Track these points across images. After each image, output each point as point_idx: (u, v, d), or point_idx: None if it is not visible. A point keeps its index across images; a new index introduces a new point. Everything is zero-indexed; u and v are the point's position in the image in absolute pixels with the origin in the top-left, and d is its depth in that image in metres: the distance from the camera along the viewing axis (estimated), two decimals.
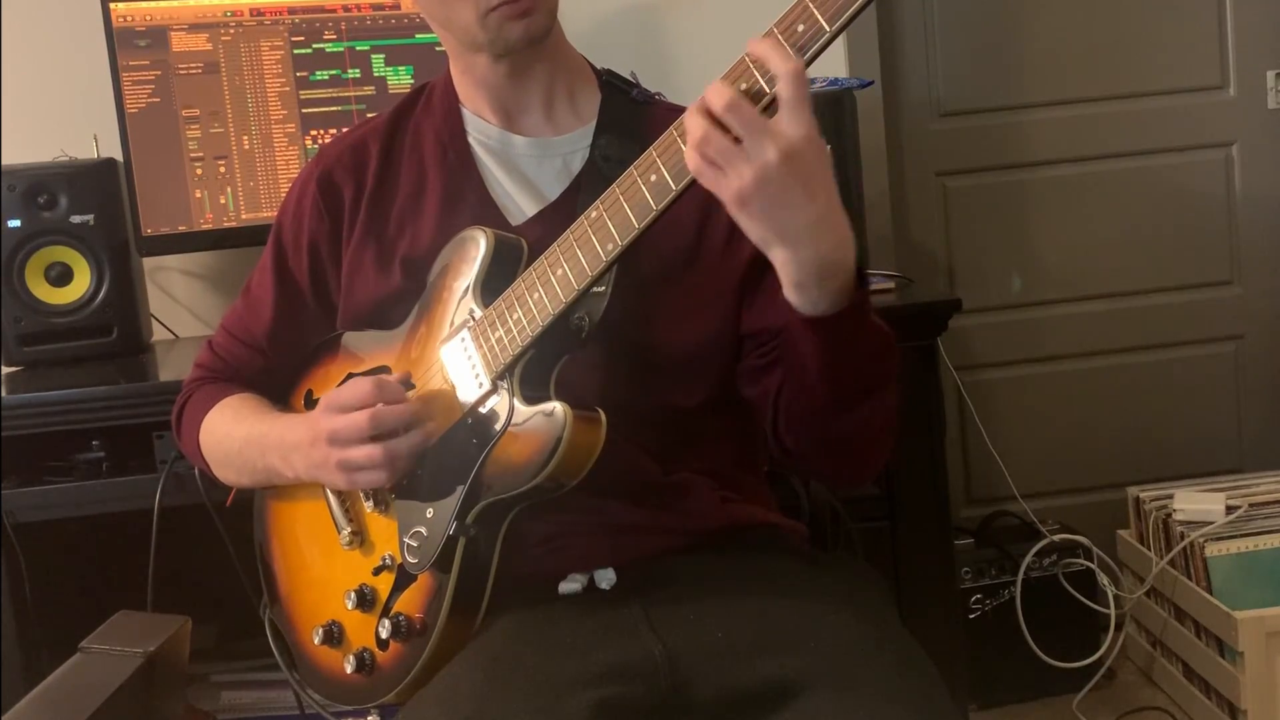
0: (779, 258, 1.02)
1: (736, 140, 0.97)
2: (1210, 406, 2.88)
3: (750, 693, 1.09)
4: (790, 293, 1.05)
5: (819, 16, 0.97)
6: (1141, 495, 2.52)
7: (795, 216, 0.99)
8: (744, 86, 0.99)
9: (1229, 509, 2.35)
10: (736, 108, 0.97)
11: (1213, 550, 2.28)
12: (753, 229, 1.01)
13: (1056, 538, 2.46)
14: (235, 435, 1.34)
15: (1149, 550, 2.49)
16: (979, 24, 2.76)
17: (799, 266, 1.02)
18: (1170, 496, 2.44)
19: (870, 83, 2.27)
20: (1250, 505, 2.37)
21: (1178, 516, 2.38)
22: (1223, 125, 2.82)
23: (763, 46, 0.98)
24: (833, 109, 2.11)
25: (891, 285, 2.06)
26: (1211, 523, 2.32)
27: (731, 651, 1.10)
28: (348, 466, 1.19)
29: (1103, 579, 2.46)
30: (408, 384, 1.21)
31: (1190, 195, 2.83)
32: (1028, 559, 2.41)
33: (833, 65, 2.42)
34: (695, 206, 1.23)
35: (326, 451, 1.19)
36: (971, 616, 2.40)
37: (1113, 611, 2.45)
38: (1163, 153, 2.81)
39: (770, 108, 0.99)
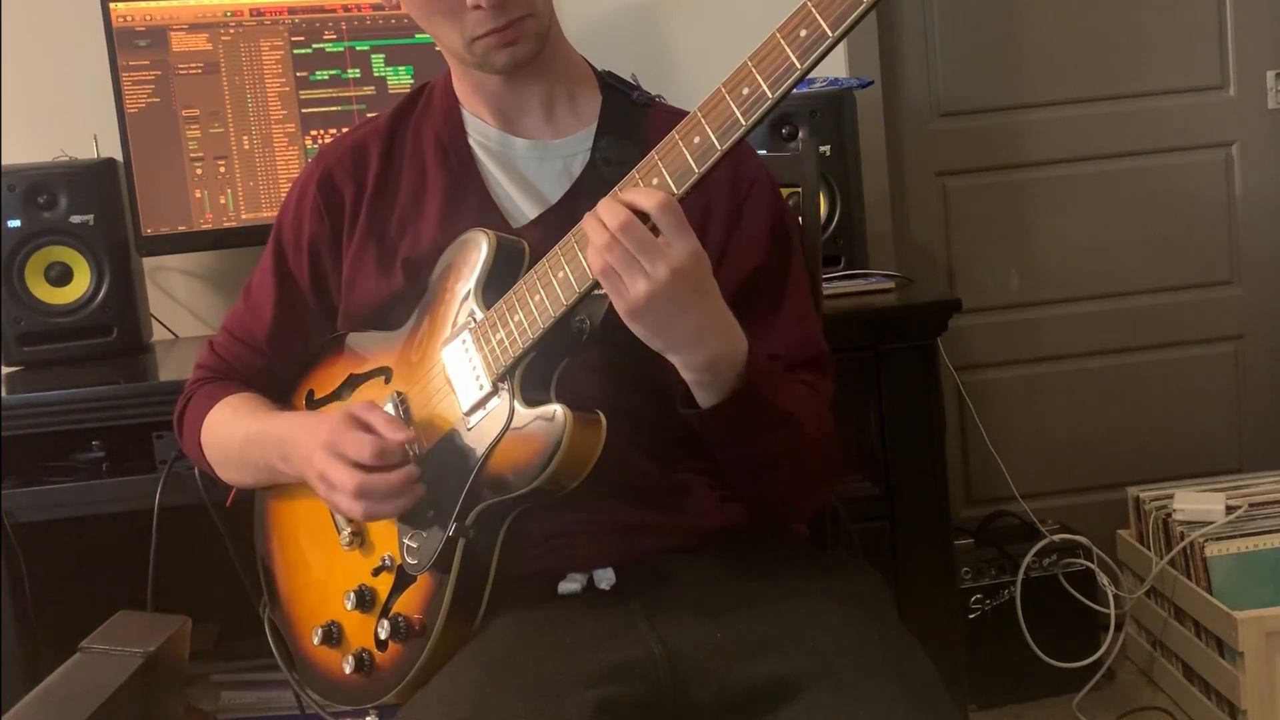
0: (676, 361, 1.11)
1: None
2: (1210, 406, 2.88)
3: (750, 692, 1.09)
4: (694, 391, 1.14)
5: (821, 21, 0.97)
6: (1141, 495, 2.52)
7: (685, 324, 1.08)
8: (632, 202, 1.05)
9: (1229, 509, 2.35)
10: (628, 230, 1.03)
11: (1213, 550, 2.28)
12: (650, 340, 1.09)
13: (1056, 538, 2.46)
14: (235, 434, 1.35)
15: (1149, 550, 2.49)
16: (979, 24, 2.76)
17: (694, 367, 1.11)
18: (1170, 496, 2.44)
19: (870, 83, 2.28)
20: (1250, 505, 2.37)
21: (1178, 516, 2.38)
22: (1223, 125, 2.82)
23: (604, 208, 1.05)
24: (833, 109, 2.12)
25: (891, 285, 2.06)
26: (1211, 523, 2.32)
27: (731, 651, 1.11)
28: (330, 504, 1.22)
29: (1103, 579, 2.46)
30: (413, 444, 1.19)
31: (1190, 195, 2.83)
32: (1028, 559, 2.41)
33: (833, 65, 2.42)
34: (694, 214, 1.23)
35: (316, 481, 1.20)
36: (971, 616, 2.40)
37: (1113, 611, 2.45)
38: (1163, 153, 2.81)
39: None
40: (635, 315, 1.06)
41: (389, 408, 1.24)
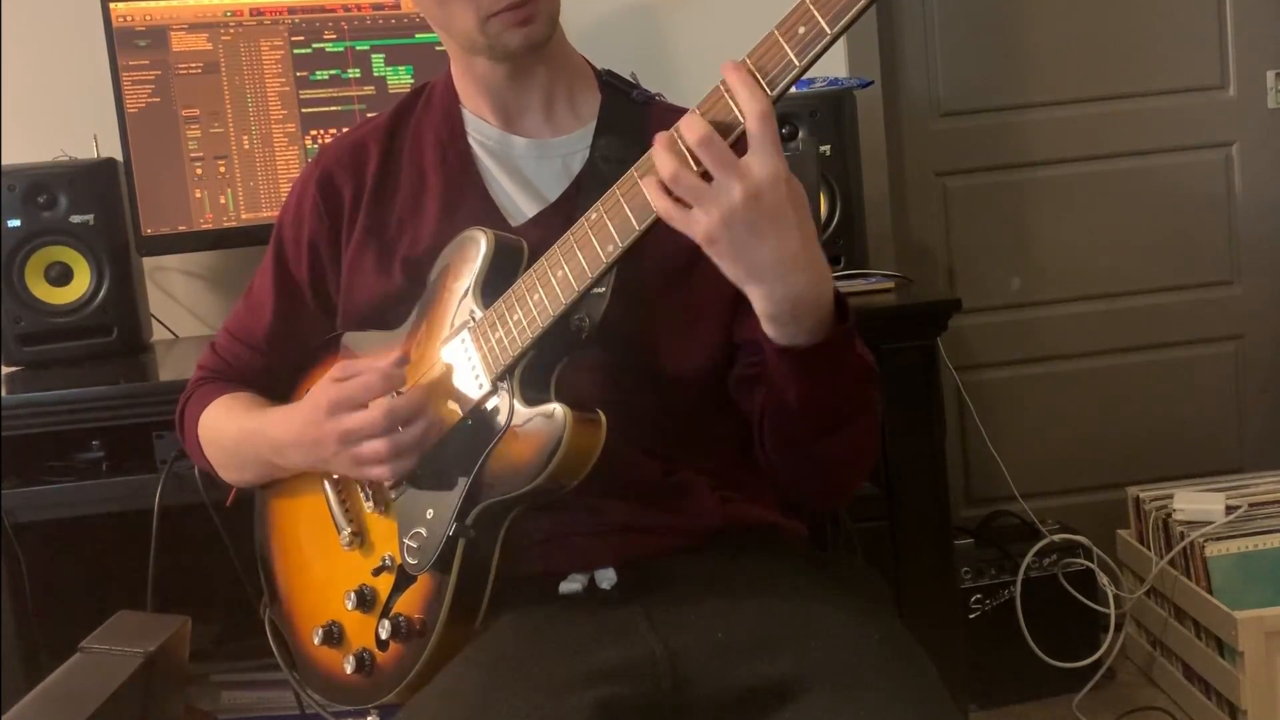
0: (753, 293, 1.04)
1: (705, 176, 0.99)
2: (1210, 406, 2.88)
3: (750, 692, 1.09)
4: (766, 325, 1.07)
5: (820, 18, 0.97)
6: (1141, 495, 2.52)
7: (763, 255, 1.00)
8: (717, 118, 1.00)
9: (1229, 509, 2.35)
10: (708, 143, 0.98)
11: (1213, 550, 2.28)
12: (724, 266, 1.03)
13: (1056, 538, 2.46)
14: (230, 431, 1.35)
15: (1149, 550, 2.49)
16: (979, 24, 2.76)
17: (771, 302, 1.04)
18: (1170, 496, 2.44)
19: (870, 83, 2.28)
20: (1250, 505, 2.37)
21: (1178, 516, 2.38)
22: (1223, 125, 2.82)
23: (735, 78, 0.99)
24: (833, 109, 2.12)
25: (891, 285, 2.06)
26: (1211, 523, 2.32)
27: (732, 651, 1.10)
28: (359, 461, 1.18)
29: (1103, 579, 2.46)
30: (401, 362, 1.19)
31: (1190, 195, 2.83)
32: (1028, 559, 2.42)
33: (833, 65, 2.42)
34: None
35: (336, 449, 1.18)
36: (971, 616, 2.40)
37: (1113, 611, 2.45)
38: (1163, 153, 2.82)
39: (741, 141, 1.00)
40: (712, 245, 1.01)
41: None
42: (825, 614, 1.14)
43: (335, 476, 1.29)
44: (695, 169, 1.00)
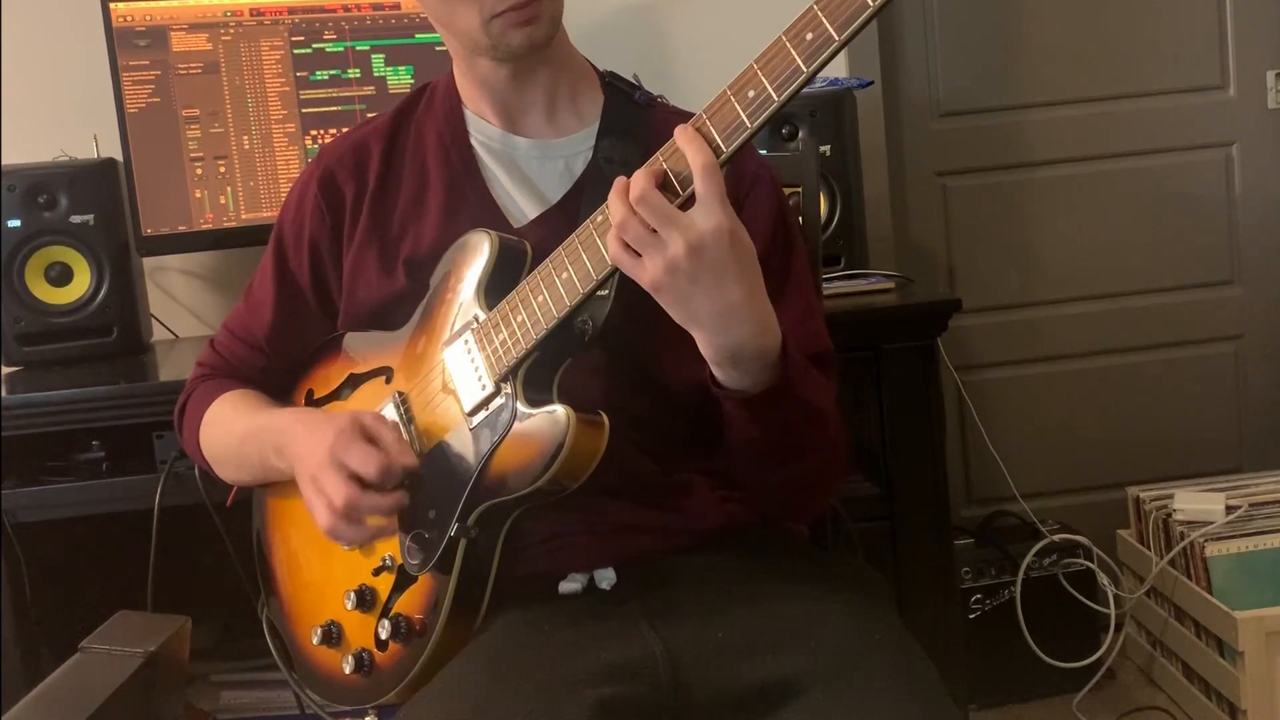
0: (697, 339, 1.07)
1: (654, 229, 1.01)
2: (1210, 406, 2.88)
3: (750, 692, 1.09)
4: (712, 367, 1.10)
5: (828, 25, 0.97)
6: (1141, 495, 2.52)
7: (704, 305, 1.03)
8: (674, 167, 1.03)
9: (1229, 509, 2.35)
10: (645, 199, 1.01)
11: (1213, 550, 2.28)
12: (670, 310, 1.05)
13: (1056, 538, 2.46)
14: (234, 430, 1.35)
15: (1149, 550, 2.49)
16: (979, 24, 2.76)
17: (713, 349, 1.07)
18: (1170, 496, 2.44)
19: (870, 83, 2.28)
20: (1250, 505, 2.37)
21: (1178, 516, 2.38)
22: (1223, 125, 2.82)
23: (682, 137, 1.02)
24: (833, 109, 2.12)
25: (891, 285, 2.06)
26: (1211, 523, 2.32)
27: (732, 651, 1.10)
28: (308, 504, 1.20)
29: (1103, 579, 2.46)
30: (413, 471, 1.19)
31: (1190, 195, 2.83)
32: (1028, 559, 2.42)
33: (833, 65, 2.39)
34: None
35: (305, 481, 1.20)
36: (971, 616, 2.40)
37: (1113, 611, 2.45)
38: (1163, 153, 2.82)
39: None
40: (657, 293, 1.04)
41: (390, 408, 1.24)
42: (825, 614, 1.14)
43: None
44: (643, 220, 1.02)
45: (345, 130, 1.42)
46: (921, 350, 1.94)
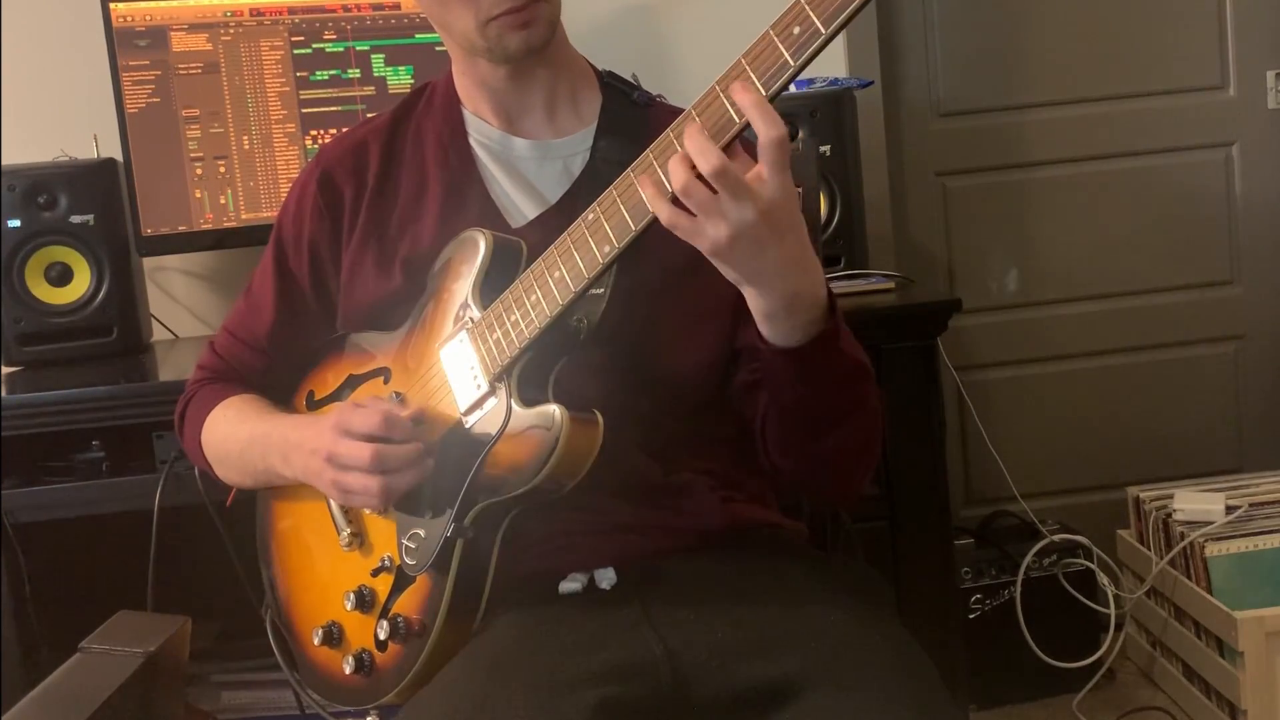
0: (751, 295, 1.07)
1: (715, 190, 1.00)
2: (1210, 406, 2.88)
3: (750, 692, 1.09)
4: (763, 324, 1.09)
5: (814, 18, 0.97)
6: (1141, 495, 2.52)
7: (767, 263, 1.03)
8: (714, 121, 1.01)
9: (1229, 509, 2.35)
10: (724, 173, 0.98)
11: (1213, 550, 2.28)
12: (726, 271, 1.06)
13: (1056, 538, 2.46)
14: (238, 436, 1.35)
15: (1149, 550, 2.49)
16: (979, 24, 2.76)
17: (769, 300, 1.07)
18: (1170, 496, 2.44)
19: (870, 83, 2.28)
20: (1250, 505, 2.37)
21: (1178, 516, 2.38)
22: (1223, 125, 2.82)
23: (746, 100, 0.99)
24: (833, 109, 2.12)
25: (891, 285, 2.06)
26: (1211, 523, 2.32)
27: (732, 651, 1.10)
28: (342, 488, 1.20)
29: (1103, 579, 2.46)
30: (419, 420, 1.20)
31: (1190, 195, 2.83)
32: (1028, 559, 2.42)
33: (833, 65, 2.42)
34: None
35: (324, 467, 1.19)
36: (971, 616, 2.40)
37: (1113, 611, 2.45)
38: (1163, 153, 2.81)
39: (734, 143, 1.01)
40: (715, 253, 1.03)
41: None
42: (825, 614, 1.14)
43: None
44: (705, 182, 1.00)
45: (344, 130, 1.42)
46: (921, 350, 1.94)
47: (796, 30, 0.97)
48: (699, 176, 0.99)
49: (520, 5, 1.18)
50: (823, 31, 0.97)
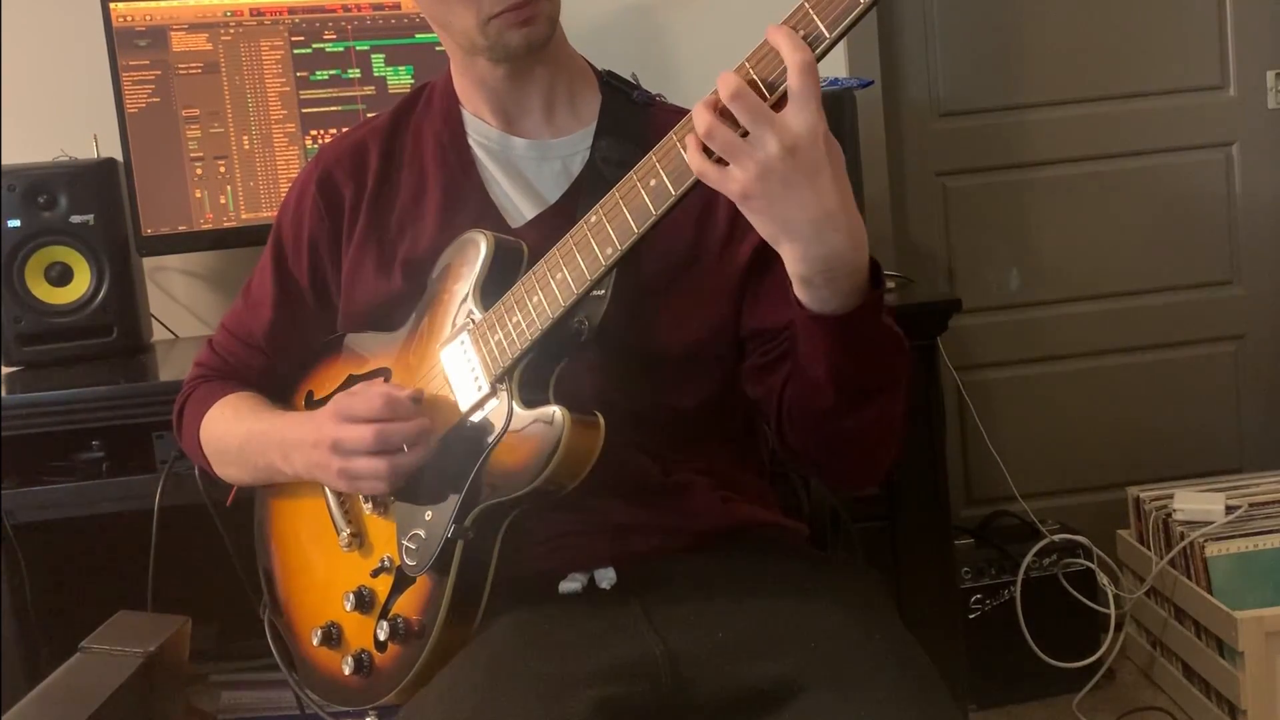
0: (787, 253, 1.01)
1: (743, 134, 0.97)
2: (1210, 406, 2.88)
3: (750, 692, 1.09)
4: (799, 289, 1.04)
5: (819, 22, 0.97)
6: (1141, 495, 2.52)
7: (800, 212, 0.98)
8: (756, 76, 0.98)
9: (1229, 509, 2.35)
10: (741, 96, 0.96)
11: (1213, 550, 2.28)
12: (758, 223, 1.01)
13: (1056, 538, 2.46)
14: (236, 432, 1.35)
15: (1149, 550, 2.49)
16: (979, 24, 2.76)
17: (807, 263, 1.01)
18: (1170, 496, 2.44)
19: (870, 83, 2.27)
20: (1250, 505, 2.37)
21: (1178, 516, 2.38)
22: (1223, 125, 2.82)
23: (778, 34, 0.97)
24: (833, 109, 2.11)
25: (891, 285, 2.06)
26: (1211, 523, 2.32)
27: (732, 651, 1.10)
28: (349, 475, 1.19)
29: (1103, 579, 2.46)
30: (418, 399, 1.20)
31: (1190, 195, 2.83)
32: (1028, 559, 2.41)
33: (833, 65, 2.42)
34: (694, 209, 1.23)
35: (329, 456, 1.19)
36: (971, 616, 2.40)
37: (1113, 611, 2.45)
38: (1163, 153, 2.81)
39: (783, 102, 0.98)
40: (747, 202, 0.99)
41: None
42: (825, 614, 1.14)
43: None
44: (734, 127, 0.97)
45: (344, 131, 1.42)
46: (921, 350, 1.94)
47: (801, 34, 0.97)
48: (725, 122, 0.97)
49: (521, 2, 1.18)
50: (827, 36, 0.97)
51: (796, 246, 1.00)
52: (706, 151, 0.99)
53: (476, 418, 1.17)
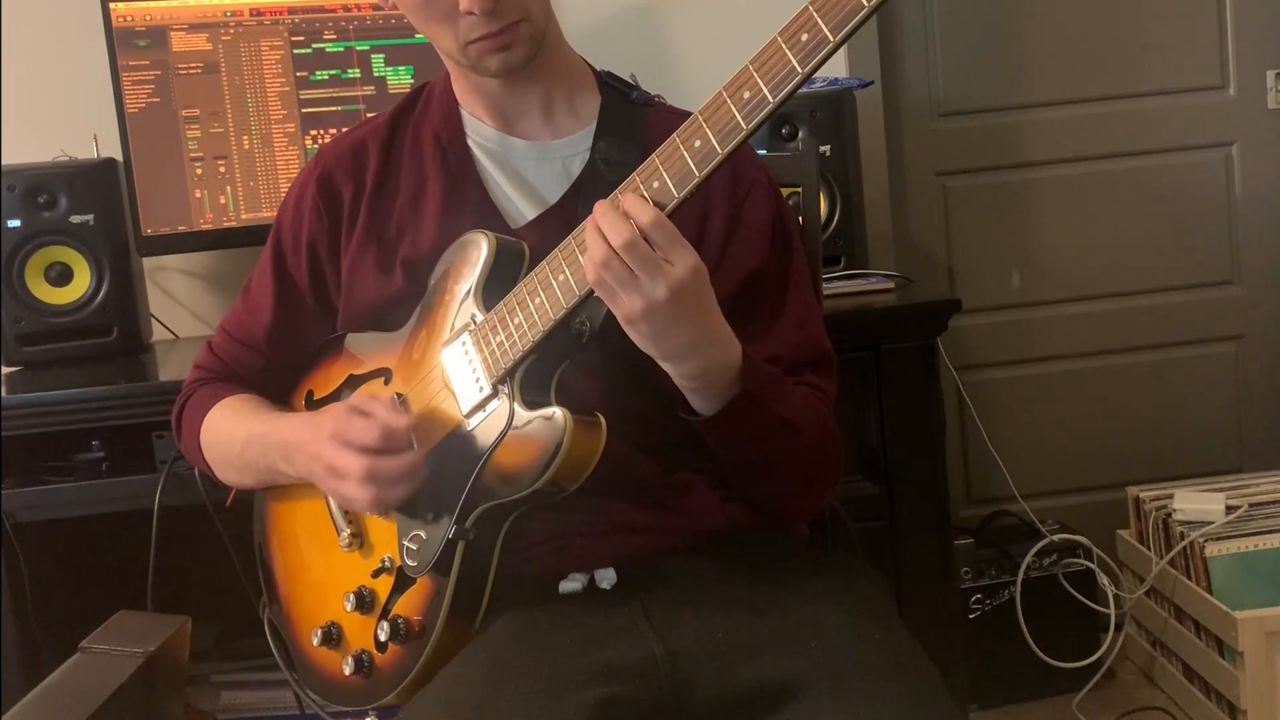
0: (668, 369, 1.11)
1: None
2: (1210, 406, 2.88)
3: (750, 693, 1.09)
4: (687, 395, 1.14)
5: (823, 26, 0.97)
6: (1141, 495, 2.52)
7: (678, 338, 1.07)
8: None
9: (1229, 509, 2.35)
10: (633, 248, 1.02)
11: (1213, 550, 2.28)
12: (642, 345, 1.09)
13: (1056, 538, 2.46)
14: (236, 435, 1.34)
15: (1149, 550, 2.49)
16: (979, 24, 2.76)
17: (686, 377, 1.11)
18: (1170, 496, 2.44)
19: (870, 83, 2.28)
20: (1250, 505, 2.37)
21: (1178, 516, 2.38)
22: (1223, 125, 2.82)
23: (628, 201, 1.04)
24: (833, 109, 2.12)
25: (891, 285, 2.06)
26: (1211, 523, 2.32)
27: (732, 651, 1.11)
28: (337, 495, 1.22)
29: (1103, 579, 2.46)
30: (418, 430, 1.20)
31: (1190, 195, 2.83)
32: (1028, 559, 2.42)
33: (833, 65, 2.40)
34: (694, 217, 1.23)
35: (323, 474, 1.20)
36: (971, 616, 2.40)
37: (1113, 611, 2.45)
38: (1163, 153, 2.81)
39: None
40: (631, 326, 1.07)
41: None
42: (825, 614, 1.14)
43: None
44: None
45: (343, 131, 1.42)
46: (921, 350, 1.94)
47: (804, 37, 0.98)
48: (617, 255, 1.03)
49: (497, 30, 1.19)
50: (831, 39, 0.97)
51: (675, 365, 1.10)
52: None
53: (478, 419, 1.17)
